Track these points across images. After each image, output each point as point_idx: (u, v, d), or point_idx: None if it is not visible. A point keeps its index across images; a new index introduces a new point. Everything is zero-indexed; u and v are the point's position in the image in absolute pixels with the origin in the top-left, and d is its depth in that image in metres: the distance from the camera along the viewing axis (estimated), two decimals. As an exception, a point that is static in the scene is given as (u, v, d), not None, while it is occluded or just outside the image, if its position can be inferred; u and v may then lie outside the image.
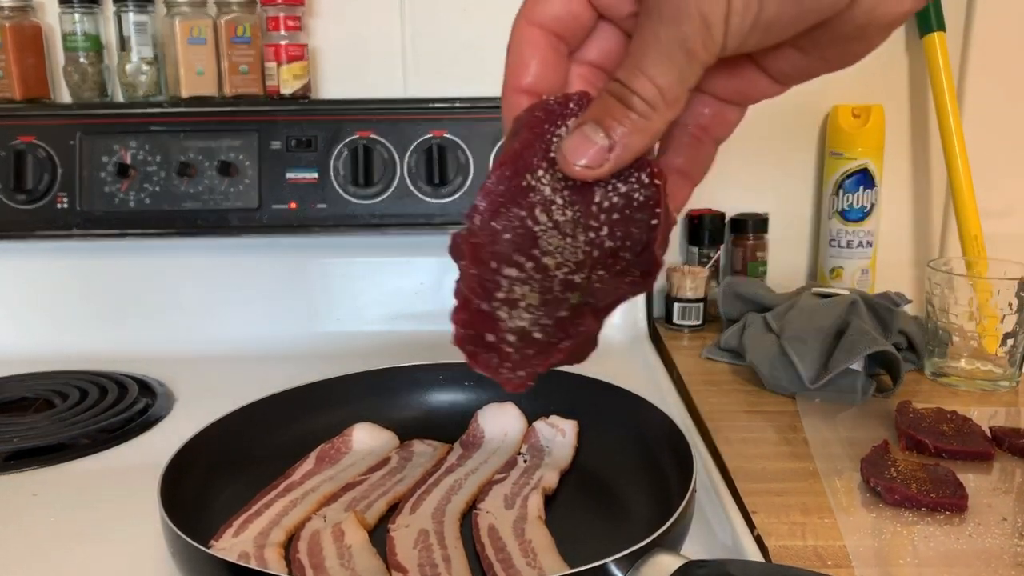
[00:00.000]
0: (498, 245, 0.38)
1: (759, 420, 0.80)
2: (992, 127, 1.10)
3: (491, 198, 0.38)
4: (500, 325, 0.37)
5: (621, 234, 0.38)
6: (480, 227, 0.38)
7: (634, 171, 0.38)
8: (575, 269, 0.38)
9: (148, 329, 1.03)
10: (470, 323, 0.37)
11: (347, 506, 0.63)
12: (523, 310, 0.38)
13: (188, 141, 1.00)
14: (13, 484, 0.71)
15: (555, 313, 0.38)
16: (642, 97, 0.35)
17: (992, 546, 0.59)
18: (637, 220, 0.38)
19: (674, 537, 0.53)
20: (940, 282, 0.87)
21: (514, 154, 0.38)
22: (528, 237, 0.38)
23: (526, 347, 0.37)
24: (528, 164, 0.37)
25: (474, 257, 0.37)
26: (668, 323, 1.08)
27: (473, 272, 0.37)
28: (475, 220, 0.38)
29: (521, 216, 0.38)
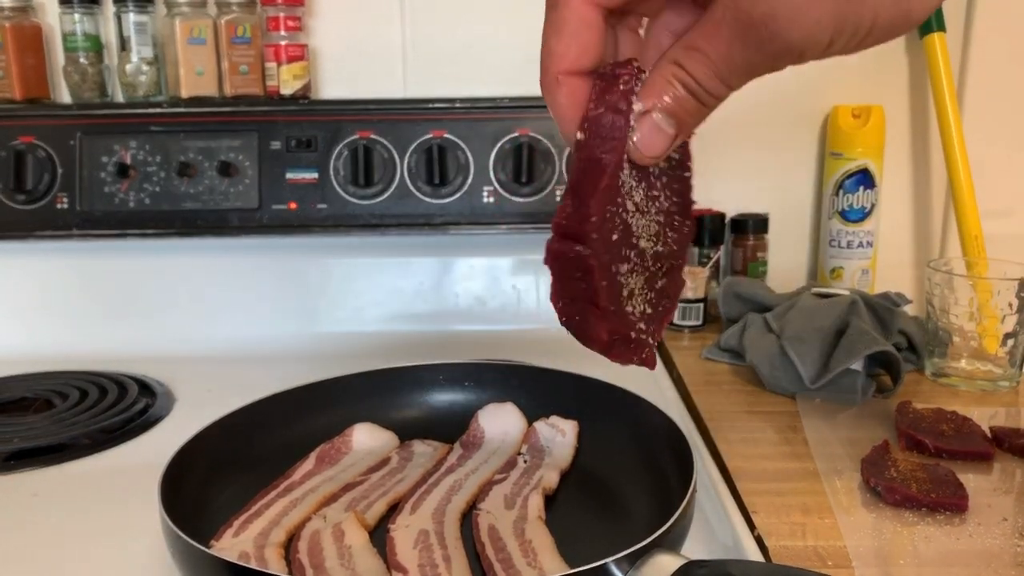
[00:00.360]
0: (613, 249, 0.38)
1: (759, 420, 0.80)
2: (992, 127, 1.10)
3: (601, 211, 0.38)
4: (632, 320, 0.39)
5: (671, 193, 0.41)
6: (599, 240, 0.38)
7: None
8: (656, 240, 0.40)
9: (148, 329, 1.03)
10: (616, 329, 0.39)
11: (347, 506, 0.63)
12: (639, 296, 0.40)
13: (188, 141, 1.00)
14: (13, 484, 0.71)
15: (655, 286, 0.40)
16: (715, 96, 0.36)
17: (992, 546, 0.59)
18: (678, 176, 0.41)
19: (674, 537, 0.53)
20: (940, 282, 0.87)
21: (613, 159, 0.38)
22: (627, 230, 0.39)
23: (649, 325, 0.40)
24: (620, 163, 0.38)
25: (602, 270, 0.38)
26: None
27: (604, 284, 0.38)
28: (593, 235, 0.38)
29: (620, 213, 0.39)
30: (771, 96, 1.10)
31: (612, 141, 0.37)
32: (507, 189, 1.02)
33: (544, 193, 1.02)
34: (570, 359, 0.87)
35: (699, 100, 0.36)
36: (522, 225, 1.02)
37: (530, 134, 1.01)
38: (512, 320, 1.07)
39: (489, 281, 1.07)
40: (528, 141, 1.01)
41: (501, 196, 1.02)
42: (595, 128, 0.37)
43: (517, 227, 1.02)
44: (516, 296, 1.07)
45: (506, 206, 1.02)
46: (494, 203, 1.02)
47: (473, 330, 1.06)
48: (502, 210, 1.02)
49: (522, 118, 1.02)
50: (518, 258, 1.07)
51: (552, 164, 1.02)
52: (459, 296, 1.07)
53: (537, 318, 1.07)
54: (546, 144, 1.01)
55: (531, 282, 1.07)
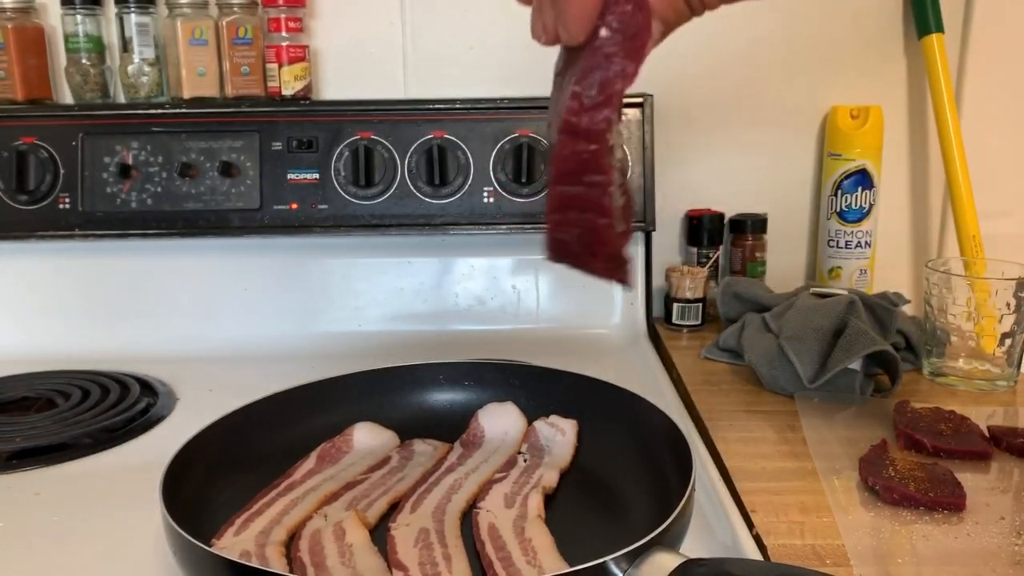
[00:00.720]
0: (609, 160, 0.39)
1: (758, 419, 0.80)
2: (990, 128, 1.10)
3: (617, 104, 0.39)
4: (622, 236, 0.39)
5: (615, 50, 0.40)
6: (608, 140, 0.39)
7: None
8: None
9: (150, 329, 1.03)
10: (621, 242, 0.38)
11: (348, 505, 0.63)
12: (618, 199, 0.39)
13: (189, 142, 1.00)
14: (15, 483, 0.71)
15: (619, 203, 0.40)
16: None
17: (990, 545, 0.59)
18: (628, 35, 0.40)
19: (673, 536, 0.53)
20: (938, 282, 0.87)
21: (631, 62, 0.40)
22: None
23: (624, 235, 0.39)
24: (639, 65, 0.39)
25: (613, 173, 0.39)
26: (667, 323, 1.08)
27: (611, 189, 0.38)
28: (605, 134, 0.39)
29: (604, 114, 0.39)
30: (770, 97, 1.11)
31: (635, 40, 0.38)
32: (507, 189, 1.02)
33: (544, 193, 1.02)
34: (570, 359, 0.87)
35: None
36: (522, 225, 1.02)
37: (530, 134, 1.02)
38: (512, 320, 1.07)
39: (489, 281, 1.07)
40: (528, 141, 1.01)
41: (501, 196, 1.02)
42: (620, 23, 0.39)
43: (517, 227, 1.03)
44: (516, 296, 1.07)
45: (506, 206, 1.02)
46: (494, 203, 1.02)
47: (473, 330, 1.06)
48: (502, 210, 1.02)
49: (522, 118, 1.02)
50: (518, 258, 1.07)
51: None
52: (459, 296, 1.07)
53: (537, 318, 1.07)
54: (546, 145, 1.02)
55: (531, 282, 1.07)
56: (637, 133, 1.03)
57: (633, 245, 1.08)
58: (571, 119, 0.39)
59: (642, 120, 1.03)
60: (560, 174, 0.39)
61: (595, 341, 1.05)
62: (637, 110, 1.03)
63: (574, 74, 0.40)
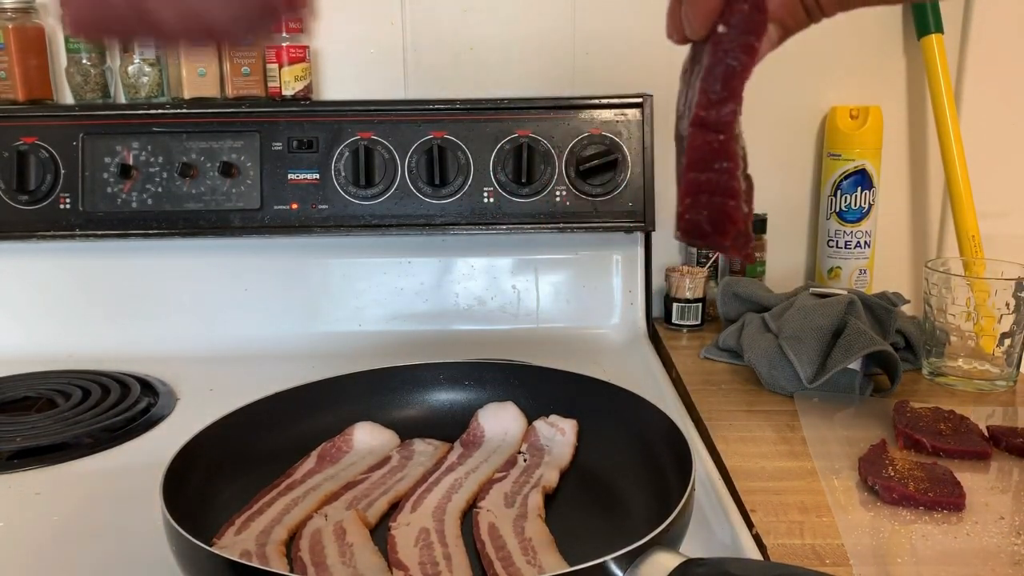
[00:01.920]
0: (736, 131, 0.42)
1: (757, 419, 0.80)
2: (989, 128, 1.10)
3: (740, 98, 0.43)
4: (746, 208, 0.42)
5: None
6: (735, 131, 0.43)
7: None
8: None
9: (150, 329, 1.03)
10: (745, 220, 0.41)
11: (348, 505, 0.63)
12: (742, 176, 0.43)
13: (190, 142, 1.00)
14: (16, 483, 0.72)
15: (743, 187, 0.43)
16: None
17: (989, 544, 0.59)
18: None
19: (673, 535, 0.53)
20: (938, 282, 0.87)
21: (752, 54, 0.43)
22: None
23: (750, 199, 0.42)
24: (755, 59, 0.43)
25: (740, 160, 0.43)
26: (667, 323, 1.08)
27: (739, 173, 0.42)
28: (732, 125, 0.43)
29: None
30: (769, 97, 1.11)
31: (749, 36, 0.43)
32: (507, 190, 1.02)
33: (544, 193, 1.02)
34: (570, 359, 0.88)
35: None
36: (522, 225, 1.03)
37: (530, 135, 1.02)
38: (512, 320, 1.07)
39: (489, 281, 1.07)
40: (528, 142, 1.01)
41: (501, 196, 1.02)
42: (737, 21, 0.43)
43: (517, 227, 1.03)
44: (516, 296, 1.07)
45: (506, 206, 1.03)
46: (494, 203, 1.02)
47: (473, 330, 1.06)
48: (502, 210, 1.02)
49: (522, 119, 1.02)
50: (518, 258, 1.07)
51: (552, 164, 1.02)
52: (459, 296, 1.07)
53: (537, 318, 1.07)
54: (546, 145, 1.02)
55: (531, 282, 1.07)
56: (637, 133, 1.03)
57: (633, 245, 1.08)
58: (700, 113, 0.43)
59: (642, 120, 1.03)
60: (693, 162, 0.43)
61: (595, 341, 1.05)
62: (637, 110, 1.03)
63: (700, 71, 0.44)
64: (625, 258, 1.08)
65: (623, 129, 1.03)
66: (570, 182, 1.02)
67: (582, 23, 1.09)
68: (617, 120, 1.03)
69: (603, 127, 1.03)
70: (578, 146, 1.02)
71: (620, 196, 1.03)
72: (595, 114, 1.03)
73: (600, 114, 1.03)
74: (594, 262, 1.08)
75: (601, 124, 1.03)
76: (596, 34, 1.09)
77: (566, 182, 1.02)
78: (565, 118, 1.03)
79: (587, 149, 1.02)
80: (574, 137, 1.02)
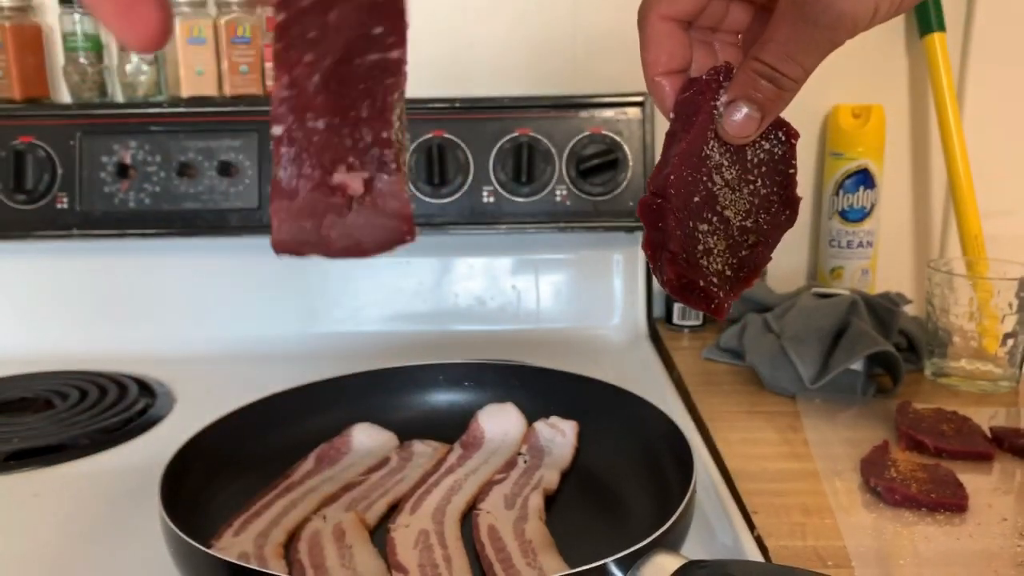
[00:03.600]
0: (692, 208, 0.45)
1: (759, 420, 0.80)
2: (992, 127, 1.10)
3: (679, 172, 0.44)
4: (704, 271, 0.45)
5: (770, 182, 0.46)
6: (675, 196, 0.44)
7: (773, 130, 0.46)
8: (746, 216, 0.46)
9: (148, 329, 1.03)
10: (683, 274, 0.44)
11: (347, 506, 0.63)
12: (716, 256, 0.45)
13: (188, 141, 1.00)
14: (13, 484, 0.71)
15: (738, 253, 0.46)
16: (790, 78, 0.42)
17: (992, 546, 0.59)
18: (780, 170, 0.47)
19: (674, 537, 0.53)
20: (940, 282, 0.87)
21: (694, 133, 0.44)
22: (711, 197, 0.45)
23: (723, 284, 0.45)
24: (703, 138, 0.44)
25: (677, 222, 0.44)
26: (668, 323, 1.08)
27: (679, 233, 0.44)
28: (670, 191, 0.44)
29: (703, 181, 0.45)
30: (771, 96, 1.10)
31: (692, 117, 0.44)
32: (507, 189, 1.02)
33: (544, 193, 1.02)
34: (570, 359, 0.87)
35: (776, 84, 0.42)
36: (522, 225, 1.02)
37: (530, 134, 1.01)
38: (512, 320, 1.07)
39: (489, 281, 1.07)
40: (528, 141, 1.01)
41: (501, 196, 1.02)
42: (680, 108, 0.46)
43: (517, 227, 1.02)
44: (516, 296, 1.07)
45: (506, 206, 1.02)
46: (494, 203, 1.02)
47: (473, 330, 1.06)
48: (502, 210, 1.02)
49: (522, 118, 1.02)
50: (518, 258, 1.07)
51: (552, 164, 1.02)
52: (459, 296, 1.07)
53: (537, 318, 1.07)
54: (546, 144, 1.02)
55: (531, 282, 1.07)
56: (638, 132, 1.03)
57: (633, 245, 1.07)
58: (649, 180, 0.47)
59: (643, 119, 1.02)
60: (641, 218, 0.46)
61: (595, 341, 1.05)
62: (638, 109, 1.02)
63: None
64: (626, 258, 1.07)
65: (624, 128, 1.03)
66: (570, 181, 1.02)
67: (583, 22, 1.08)
68: (618, 119, 1.03)
69: (604, 126, 1.02)
70: (578, 145, 1.02)
71: (621, 196, 1.03)
72: (595, 113, 1.03)
73: (600, 113, 1.03)
74: (594, 262, 1.07)
75: (602, 123, 1.03)
76: (596, 33, 1.08)
77: (566, 182, 1.02)
78: (565, 117, 1.02)
79: (587, 148, 1.02)
80: (574, 136, 1.02)
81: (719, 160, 0.45)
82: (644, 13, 0.45)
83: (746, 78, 0.42)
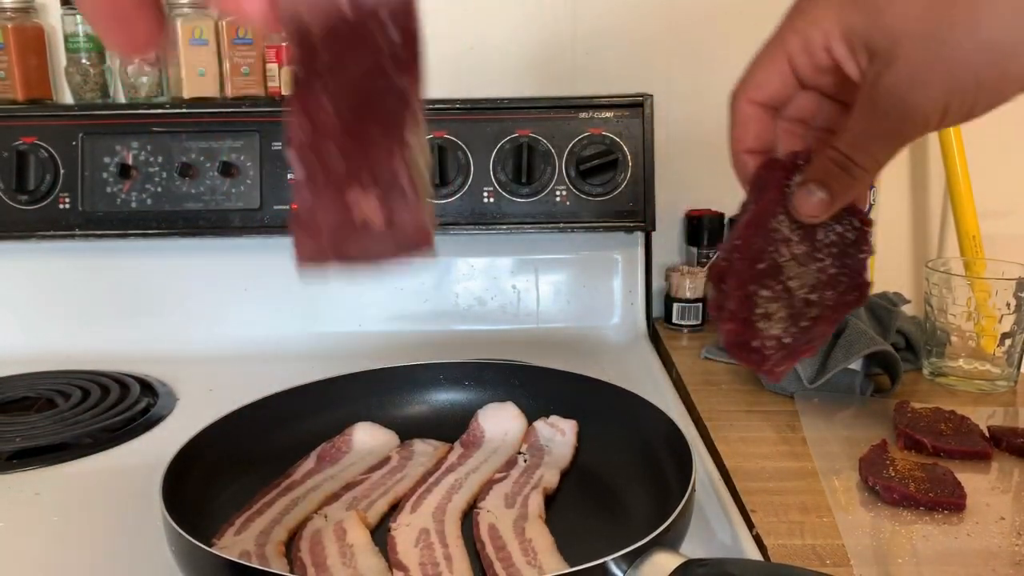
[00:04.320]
0: (755, 273, 0.48)
1: (758, 419, 0.80)
2: (990, 127, 1.09)
3: (745, 238, 0.48)
4: (760, 333, 0.48)
5: (839, 263, 0.49)
6: (740, 260, 0.48)
7: (847, 216, 0.48)
8: (811, 291, 0.49)
9: (150, 329, 1.03)
10: (739, 332, 0.47)
11: (348, 505, 0.63)
12: (775, 322, 0.48)
13: (190, 142, 1.00)
14: (15, 483, 0.71)
15: (799, 323, 0.48)
16: (862, 167, 0.44)
17: (990, 545, 0.59)
18: (851, 253, 0.49)
19: (673, 536, 0.53)
20: (938, 282, 0.87)
21: (762, 205, 0.48)
22: (775, 266, 0.48)
23: (779, 350, 0.48)
24: (772, 212, 0.48)
25: (738, 284, 0.48)
26: (667, 323, 1.08)
27: (738, 294, 0.47)
28: (735, 255, 0.48)
29: (769, 250, 0.48)
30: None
31: (764, 191, 0.48)
32: (507, 189, 1.02)
33: (544, 193, 1.02)
34: (570, 359, 0.87)
35: (848, 172, 0.44)
36: (522, 225, 1.02)
37: (530, 134, 1.02)
38: (512, 320, 1.07)
39: (489, 281, 1.07)
40: (528, 141, 1.01)
41: (501, 196, 1.02)
42: (756, 182, 0.49)
43: (517, 227, 1.03)
44: (516, 296, 1.07)
45: (506, 206, 1.02)
46: (494, 203, 1.02)
47: (473, 330, 1.06)
48: (502, 210, 1.02)
49: (522, 118, 1.02)
50: (518, 258, 1.07)
51: (552, 164, 1.02)
52: (459, 296, 1.07)
53: (537, 318, 1.07)
54: (546, 144, 1.02)
55: (531, 282, 1.07)
56: (637, 133, 1.03)
57: (633, 245, 1.08)
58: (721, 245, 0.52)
59: (642, 120, 1.03)
60: (709, 279, 0.51)
61: (595, 341, 1.05)
62: (637, 110, 1.03)
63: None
64: (625, 258, 1.08)
65: (623, 129, 1.03)
66: (570, 182, 1.02)
67: (582, 23, 1.09)
68: (617, 120, 1.03)
69: (603, 127, 1.03)
70: (578, 146, 1.02)
71: (620, 196, 1.03)
72: (595, 114, 1.03)
73: (600, 114, 1.03)
74: (594, 262, 1.08)
75: (601, 124, 1.03)
76: (596, 34, 1.09)
77: (566, 182, 1.02)
78: (565, 118, 1.02)
79: (587, 149, 1.02)
80: (574, 137, 1.02)
81: (788, 235, 0.48)
82: (736, 95, 0.48)
83: (821, 163, 0.45)
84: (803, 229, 0.48)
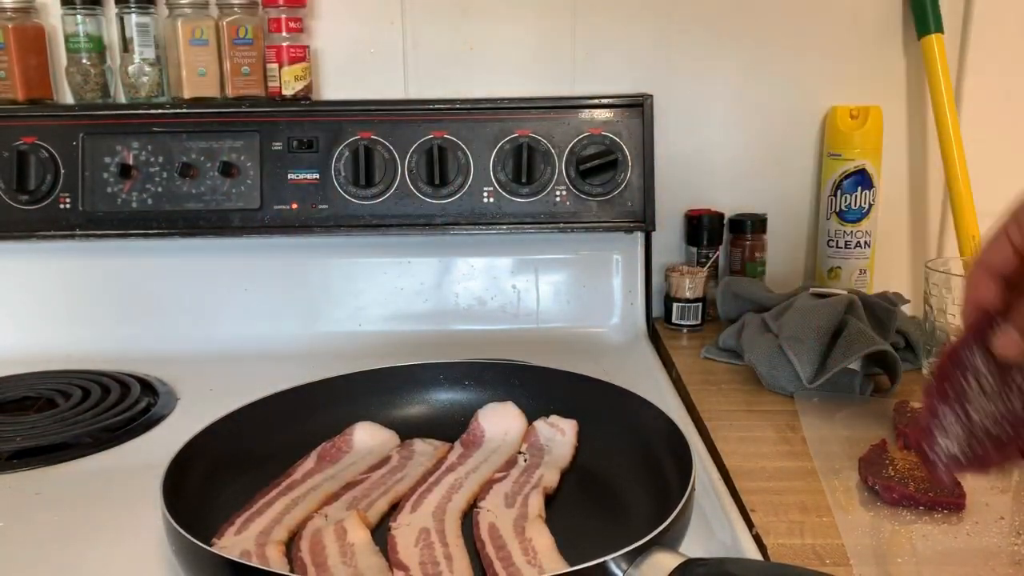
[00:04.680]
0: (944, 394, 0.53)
1: (757, 419, 0.80)
2: (989, 128, 1.10)
3: (941, 362, 0.54)
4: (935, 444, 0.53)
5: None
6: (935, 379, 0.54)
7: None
8: (993, 423, 0.53)
9: (150, 329, 1.03)
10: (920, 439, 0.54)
11: (348, 505, 0.63)
12: (952, 440, 0.53)
13: (190, 142, 1.00)
14: (16, 483, 0.72)
15: (975, 448, 0.53)
16: None
17: (990, 544, 0.59)
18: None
19: (673, 535, 0.53)
20: (938, 282, 0.87)
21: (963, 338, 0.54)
22: (962, 393, 0.53)
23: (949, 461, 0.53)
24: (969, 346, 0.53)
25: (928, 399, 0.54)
26: (667, 323, 1.08)
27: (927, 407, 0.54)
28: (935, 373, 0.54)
29: (958, 378, 0.53)
30: (770, 97, 1.11)
31: (968, 331, 0.53)
32: (507, 189, 1.02)
33: (544, 193, 1.02)
34: (570, 359, 0.87)
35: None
36: (522, 225, 1.03)
37: (530, 135, 1.02)
38: (512, 320, 1.07)
39: (489, 281, 1.07)
40: (528, 141, 1.01)
41: (501, 196, 1.02)
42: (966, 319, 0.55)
43: (517, 227, 1.03)
44: (516, 296, 1.07)
45: (506, 206, 1.03)
46: (494, 203, 1.02)
47: (473, 330, 1.06)
48: (502, 210, 1.02)
49: (522, 119, 1.02)
50: (518, 258, 1.07)
51: (552, 164, 1.02)
52: (459, 296, 1.07)
53: (537, 318, 1.07)
54: (546, 144, 1.02)
55: (531, 282, 1.07)
56: (637, 133, 1.03)
57: (633, 245, 1.08)
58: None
59: (642, 120, 1.03)
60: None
61: (595, 341, 1.05)
62: (637, 110, 1.03)
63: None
64: (625, 258, 1.08)
65: (623, 129, 1.03)
66: (570, 182, 1.02)
67: (582, 23, 1.09)
68: (617, 120, 1.03)
69: (603, 127, 1.03)
70: (578, 146, 1.02)
71: (620, 196, 1.03)
72: (595, 114, 1.03)
73: (600, 114, 1.03)
74: (594, 262, 1.08)
75: (601, 124, 1.03)
76: (596, 34, 1.09)
77: (566, 182, 1.02)
78: (565, 118, 1.03)
79: (587, 149, 1.02)
80: (574, 137, 1.02)
81: (982, 369, 0.53)
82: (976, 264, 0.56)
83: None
84: (997, 368, 0.53)
